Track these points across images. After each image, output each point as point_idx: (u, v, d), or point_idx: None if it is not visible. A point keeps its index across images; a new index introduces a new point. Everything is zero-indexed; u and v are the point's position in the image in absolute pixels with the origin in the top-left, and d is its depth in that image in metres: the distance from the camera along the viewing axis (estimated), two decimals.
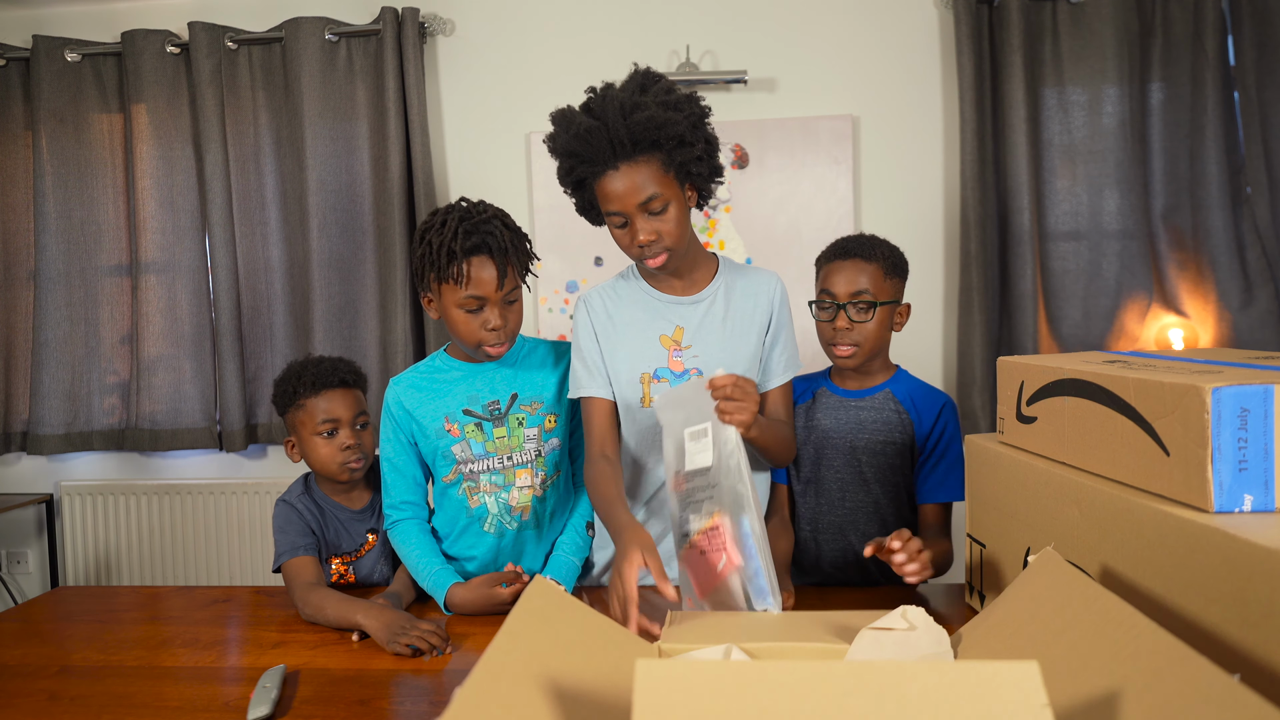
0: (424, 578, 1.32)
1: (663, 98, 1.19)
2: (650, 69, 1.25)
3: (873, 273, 1.34)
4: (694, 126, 1.21)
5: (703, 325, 1.33)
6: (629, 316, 1.36)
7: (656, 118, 1.16)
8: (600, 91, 1.22)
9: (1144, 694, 0.61)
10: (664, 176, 1.21)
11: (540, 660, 0.71)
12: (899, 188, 2.61)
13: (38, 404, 2.73)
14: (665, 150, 1.19)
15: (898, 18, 2.59)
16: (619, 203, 1.21)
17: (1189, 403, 0.77)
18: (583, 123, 1.18)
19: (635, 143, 1.17)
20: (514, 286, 1.31)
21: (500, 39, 2.69)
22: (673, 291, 1.35)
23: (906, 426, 1.38)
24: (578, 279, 2.68)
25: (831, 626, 0.98)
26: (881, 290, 1.34)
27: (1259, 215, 2.45)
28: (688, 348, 1.33)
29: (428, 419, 1.37)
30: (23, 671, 1.13)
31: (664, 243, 1.23)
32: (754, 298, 1.36)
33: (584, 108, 1.22)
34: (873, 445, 1.38)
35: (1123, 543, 0.85)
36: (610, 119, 1.17)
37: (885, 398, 1.40)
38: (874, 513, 1.39)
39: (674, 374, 1.33)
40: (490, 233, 1.27)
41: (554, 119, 1.25)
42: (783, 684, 0.56)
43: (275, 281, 2.73)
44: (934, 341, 2.63)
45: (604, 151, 1.18)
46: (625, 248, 1.26)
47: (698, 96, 1.25)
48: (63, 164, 2.73)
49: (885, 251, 1.37)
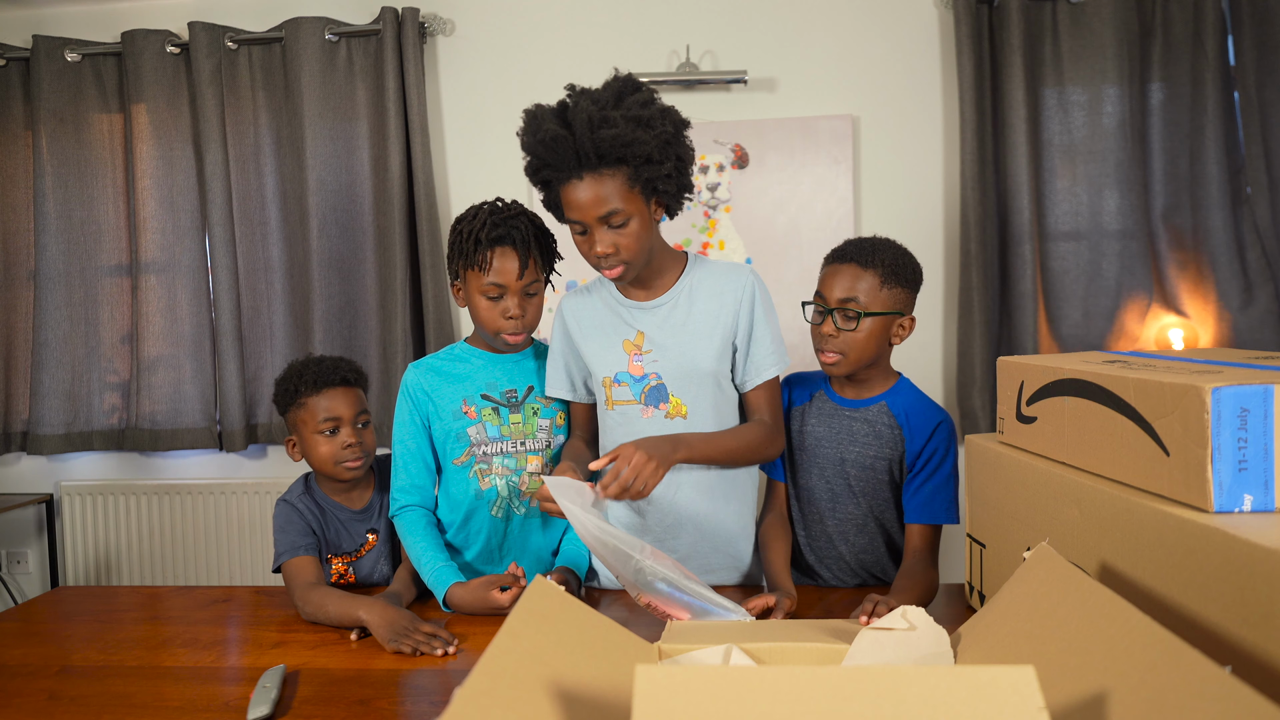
0: (426, 572, 1.34)
1: (636, 112, 1.17)
2: (631, 76, 1.22)
3: (868, 280, 1.28)
4: (664, 144, 1.19)
5: (661, 329, 1.33)
6: (596, 320, 1.39)
7: (623, 136, 1.15)
8: (574, 98, 1.20)
9: (1138, 688, 0.61)
10: (628, 192, 1.20)
11: (541, 660, 0.71)
12: (899, 188, 2.61)
13: (38, 404, 2.73)
14: (632, 166, 1.18)
15: (898, 18, 2.58)
16: (579, 212, 1.21)
17: (1189, 403, 0.77)
18: (550, 130, 1.17)
19: (601, 157, 1.17)
20: (534, 279, 1.36)
21: (500, 39, 2.69)
22: (635, 297, 1.36)
23: (897, 442, 1.33)
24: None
25: (831, 628, 0.98)
26: (875, 300, 1.28)
27: (1259, 215, 2.45)
28: (648, 352, 1.34)
29: (445, 401, 1.42)
30: (23, 671, 1.13)
31: (621, 256, 1.23)
32: (719, 297, 1.33)
33: (555, 112, 1.20)
34: (861, 459, 1.35)
35: (1123, 543, 0.85)
36: (578, 130, 1.16)
37: (879, 410, 1.35)
38: (862, 525, 1.37)
39: (633, 378, 1.35)
40: (515, 227, 1.33)
41: (525, 117, 1.24)
42: (781, 689, 0.56)
43: (275, 281, 2.73)
44: (934, 341, 2.63)
45: (569, 161, 1.18)
46: (583, 255, 1.27)
47: (674, 110, 1.23)
48: (63, 164, 2.73)
49: (888, 259, 1.29)
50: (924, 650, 0.89)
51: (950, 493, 1.31)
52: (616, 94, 1.19)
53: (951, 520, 1.31)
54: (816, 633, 0.95)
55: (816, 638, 0.94)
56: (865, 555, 1.38)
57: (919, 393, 1.38)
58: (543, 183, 1.26)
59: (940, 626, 0.92)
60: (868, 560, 1.38)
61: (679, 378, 1.32)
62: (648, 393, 1.34)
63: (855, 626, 0.97)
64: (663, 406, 1.33)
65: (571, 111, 1.18)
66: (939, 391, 2.64)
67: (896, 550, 1.39)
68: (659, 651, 0.93)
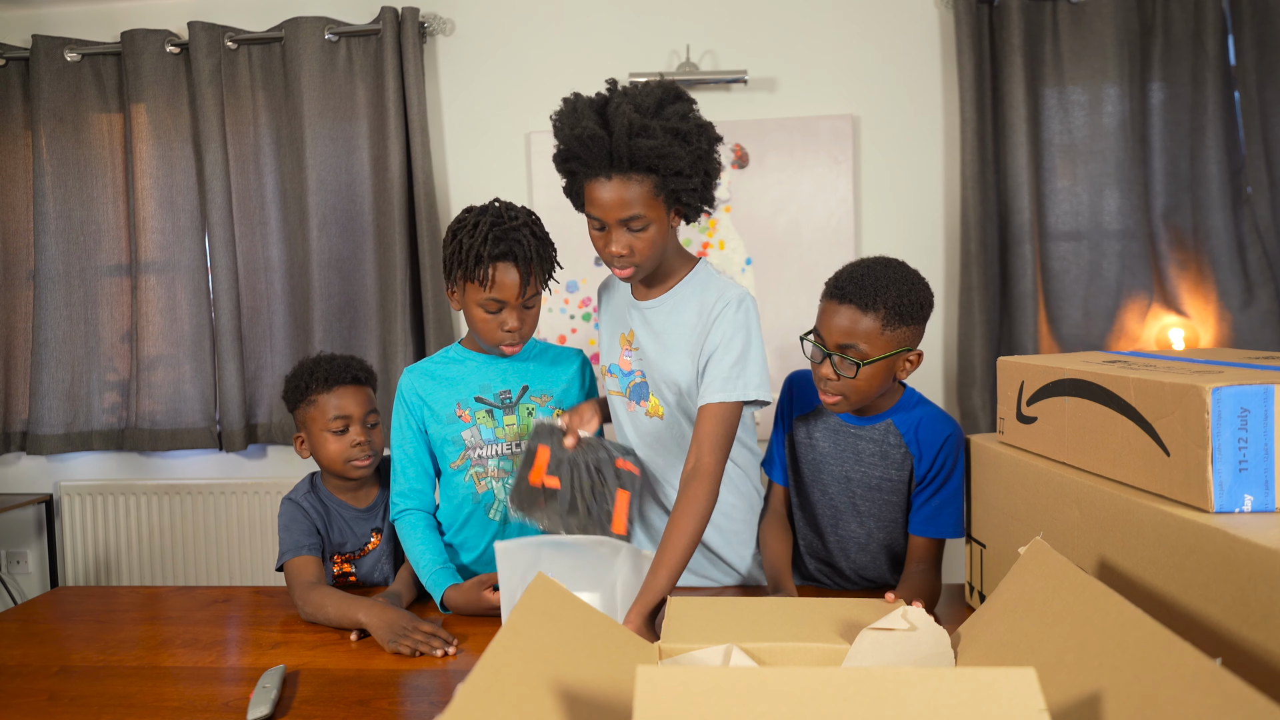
0: (423, 574, 1.35)
1: (675, 124, 1.16)
2: (675, 84, 1.21)
3: (868, 324, 1.17)
4: (697, 159, 1.19)
5: (645, 331, 1.34)
6: (611, 307, 1.43)
7: (660, 148, 1.15)
8: (616, 97, 1.18)
9: (1133, 683, 0.62)
10: (653, 200, 1.20)
11: (542, 658, 0.71)
12: (899, 187, 2.61)
13: (37, 404, 2.73)
14: (661, 176, 1.18)
15: (898, 18, 2.58)
16: (601, 210, 1.21)
17: (1189, 403, 0.77)
18: (589, 127, 1.15)
19: (633, 163, 1.16)
20: (534, 293, 1.35)
21: (500, 39, 2.69)
22: (637, 294, 1.37)
23: (906, 462, 1.28)
24: (578, 279, 2.68)
25: (833, 621, 0.98)
26: (876, 345, 1.18)
27: (1259, 215, 2.45)
28: (636, 350, 1.36)
29: (440, 404, 1.41)
30: (22, 671, 1.13)
31: (633, 258, 1.23)
32: (699, 312, 1.28)
33: (595, 107, 1.19)
34: (868, 479, 1.30)
35: (1123, 543, 0.85)
36: (616, 133, 1.15)
37: (886, 429, 1.29)
38: (864, 545, 1.34)
39: (623, 371, 1.38)
40: (518, 241, 1.30)
41: (563, 106, 1.22)
42: (782, 691, 0.56)
43: (275, 281, 2.73)
44: (934, 341, 2.63)
45: (601, 160, 1.17)
46: (597, 249, 1.27)
47: (710, 126, 1.22)
48: (62, 164, 2.73)
49: (892, 299, 1.17)
50: (924, 651, 0.89)
51: (957, 506, 1.27)
52: (658, 101, 1.17)
53: (957, 534, 1.27)
54: (818, 628, 0.95)
55: (818, 635, 0.94)
56: (867, 571, 1.36)
57: (927, 405, 1.31)
58: (569, 173, 1.25)
59: (940, 627, 0.92)
60: (869, 574, 1.37)
61: (655, 381, 1.34)
62: (633, 388, 1.36)
63: (856, 616, 0.97)
64: (643, 404, 1.35)
65: (612, 112, 1.16)
66: (939, 392, 2.64)
67: (899, 566, 1.36)
68: (659, 651, 0.93)
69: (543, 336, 2.68)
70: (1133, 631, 0.65)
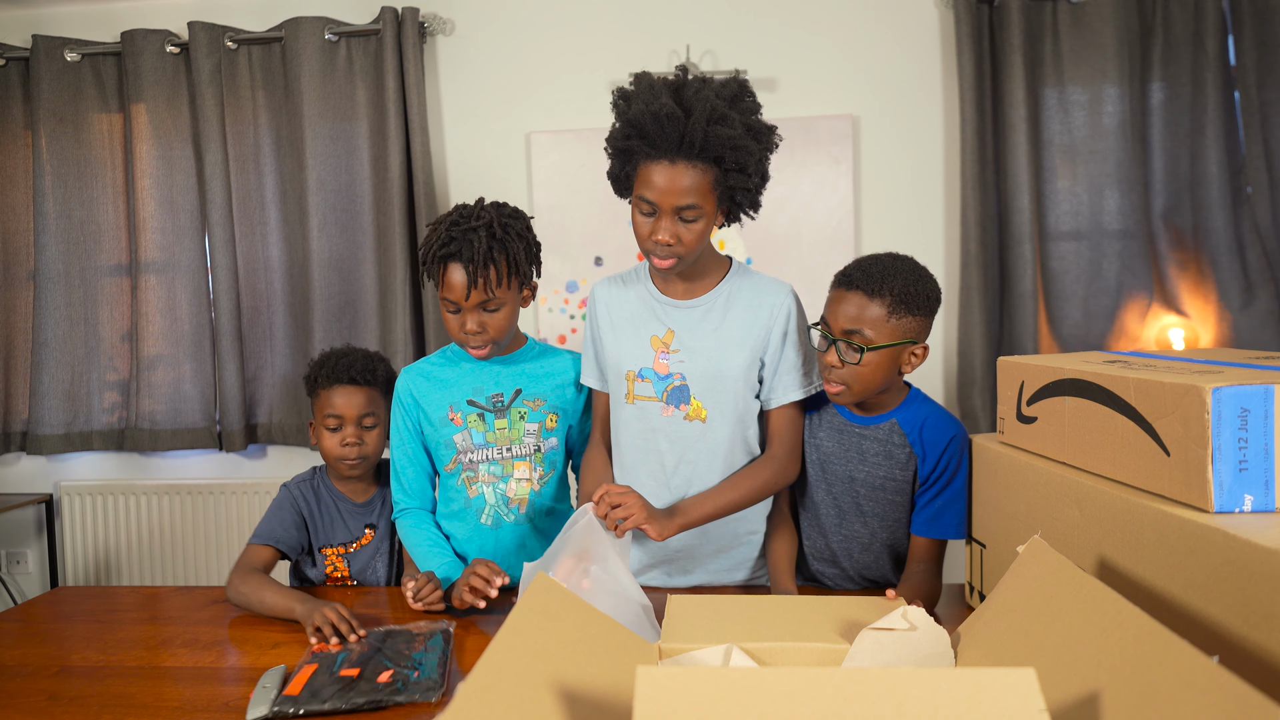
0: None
1: (749, 120, 1.17)
2: (744, 79, 1.21)
3: (874, 310, 1.18)
4: (761, 159, 1.20)
5: (694, 331, 1.31)
6: (626, 313, 1.36)
7: (737, 139, 1.14)
8: (694, 82, 1.17)
9: (1131, 681, 0.62)
10: (710, 192, 1.19)
11: (543, 657, 0.72)
12: (899, 187, 2.61)
13: (37, 404, 2.73)
14: (724, 169, 1.18)
15: (898, 18, 2.58)
16: (657, 194, 1.18)
17: (1189, 403, 0.77)
18: (667, 105, 1.13)
19: (704, 150, 1.15)
20: (487, 298, 1.29)
21: (500, 39, 2.69)
22: (673, 294, 1.34)
23: (910, 462, 1.27)
24: (578, 279, 2.68)
25: (833, 621, 0.98)
26: (881, 332, 1.18)
27: (1259, 215, 2.45)
28: (675, 351, 1.31)
29: (433, 407, 1.40)
30: (22, 671, 1.13)
31: (678, 249, 1.22)
32: (754, 310, 1.30)
33: (672, 89, 1.17)
34: (872, 479, 1.29)
35: (1123, 543, 0.85)
36: (695, 115, 1.13)
37: (891, 429, 1.28)
38: (868, 545, 1.33)
39: (657, 375, 1.32)
40: (469, 241, 1.26)
41: (637, 83, 1.21)
42: (782, 691, 0.56)
43: (275, 281, 2.73)
44: (934, 341, 2.63)
45: (671, 141, 1.15)
46: (640, 236, 1.24)
47: (775, 130, 1.23)
48: (62, 164, 2.73)
49: (898, 286, 1.18)
50: (924, 650, 0.89)
51: (960, 507, 1.26)
52: (734, 94, 1.17)
53: (959, 536, 1.27)
54: (818, 627, 0.95)
55: (818, 635, 0.94)
56: (869, 571, 1.36)
57: (932, 405, 1.30)
58: (625, 151, 1.22)
59: (940, 627, 0.92)
60: (872, 574, 1.37)
61: (704, 382, 1.30)
62: (670, 392, 1.32)
63: (856, 615, 0.97)
64: (683, 408, 1.31)
65: (691, 95, 1.15)
66: (939, 392, 2.64)
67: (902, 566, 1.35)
68: (659, 651, 0.93)
69: (542, 337, 2.68)
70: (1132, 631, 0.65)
